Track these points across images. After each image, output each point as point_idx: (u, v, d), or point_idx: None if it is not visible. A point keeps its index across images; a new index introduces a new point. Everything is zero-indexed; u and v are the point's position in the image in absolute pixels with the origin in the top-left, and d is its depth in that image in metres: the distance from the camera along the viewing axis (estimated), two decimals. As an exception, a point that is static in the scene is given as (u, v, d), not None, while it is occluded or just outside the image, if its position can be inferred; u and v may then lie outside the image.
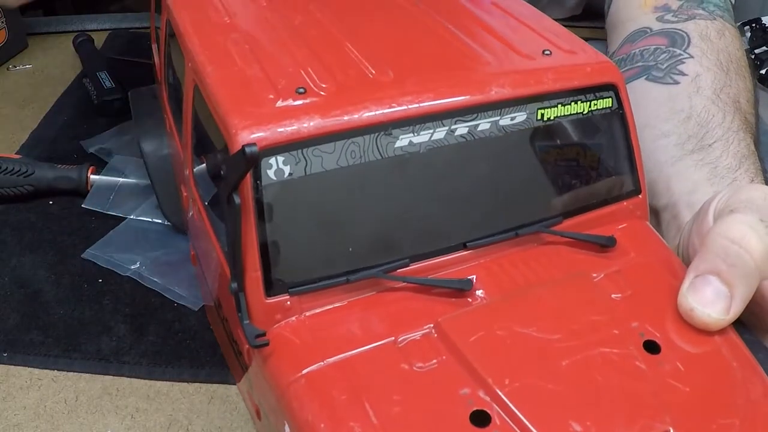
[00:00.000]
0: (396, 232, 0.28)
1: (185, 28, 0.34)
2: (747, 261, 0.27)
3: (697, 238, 0.31)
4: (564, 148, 0.31)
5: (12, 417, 0.36)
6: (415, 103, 0.27)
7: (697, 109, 0.41)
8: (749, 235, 0.27)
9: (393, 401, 0.24)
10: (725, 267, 0.27)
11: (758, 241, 0.27)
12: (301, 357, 0.25)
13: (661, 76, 0.44)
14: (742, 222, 0.27)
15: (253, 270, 0.26)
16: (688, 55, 0.44)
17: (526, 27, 0.33)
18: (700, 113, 0.41)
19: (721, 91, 0.42)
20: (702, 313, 0.26)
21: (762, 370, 0.26)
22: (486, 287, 0.28)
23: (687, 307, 0.27)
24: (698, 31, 0.46)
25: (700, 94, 0.42)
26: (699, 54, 0.44)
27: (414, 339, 0.26)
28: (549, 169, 0.30)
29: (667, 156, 0.40)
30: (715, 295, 0.26)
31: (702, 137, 0.40)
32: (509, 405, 0.23)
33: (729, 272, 0.27)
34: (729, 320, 0.27)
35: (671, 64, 0.44)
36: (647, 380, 0.25)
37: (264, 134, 0.26)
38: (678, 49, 0.45)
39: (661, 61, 0.44)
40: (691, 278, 0.27)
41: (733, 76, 0.43)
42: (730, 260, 0.27)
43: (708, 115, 0.41)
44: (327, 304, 0.27)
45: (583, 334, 0.26)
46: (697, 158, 0.39)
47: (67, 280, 0.44)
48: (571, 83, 0.30)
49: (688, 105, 0.42)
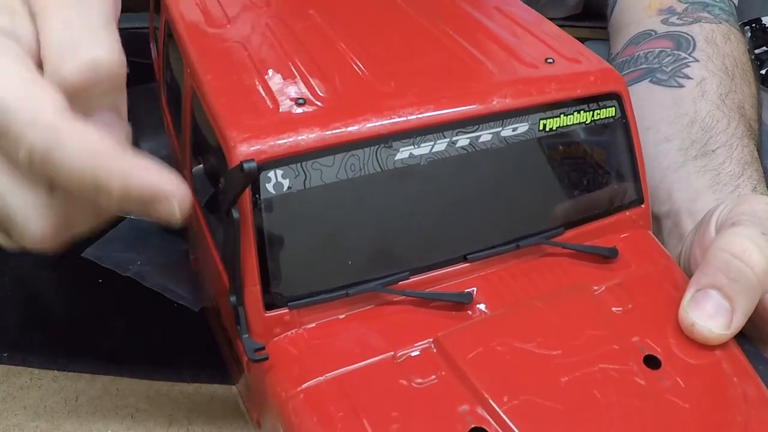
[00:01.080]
0: (396, 245, 0.28)
1: (184, 32, 0.33)
2: (749, 275, 0.27)
3: (698, 250, 0.31)
4: (566, 158, 0.30)
5: (12, 417, 0.36)
6: (416, 115, 0.27)
7: (702, 114, 0.41)
8: (751, 249, 0.27)
9: (391, 418, 0.24)
10: (727, 281, 0.27)
11: (760, 255, 0.27)
12: (299, 371, 0.25)
13: (666, 78, 0.43)
14: (744, 236, 0.27)
15: (252, 284, 0.26)
16: (694, 59, 0.44)
17: (529, 34, 0.33)
18: (704, 118, 0.41)
19: (726, 96, 0.42)
20: (703, 327, 0.26)
21: (762, 385, 0.26)
22: (486, 300, 0.28)
23: (688, 321, 0.27)
24: (704, 35, 0.45)
25: (705, 98, 0.42)
26: (704, 58, 0.44)
27: (413, 354, 0.26)
28: (551, 179, 0.30)
29: (670, 161, 0.40)
30: (716, 309, 0.26)
31: (705, 143, 0.39)
32: (507, 422, 0.23)
33: (730, 287, 0.27)
34: (730, 335, 0.27)
35: (676, 68, 0.43)
36: (647, 397, 0.25)
37: (262, 147, 0.25)
38: (683, 53, 0.44)
39: (665, 64, 0.44)
40: (692, 292, 0.27)
41: (738, 81, 0.43)
42: (731, 274, 0.27)
43: (712, 120, 0.40)
44: (326, 318, 0.27)
45: (582, 350, 0.26)
46: (700, 164, 0.39)
47: (67, 280, 0.44)
48: (574, 92, 0.30)
49: (692, 109, 0.41)
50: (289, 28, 0.33)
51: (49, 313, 0.42)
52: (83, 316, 0.41)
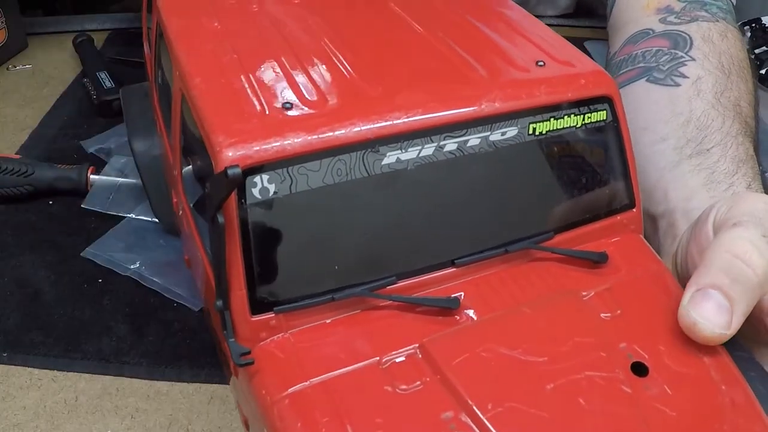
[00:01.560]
0: (383, 250, 0.28)
1: (174, 35, 0.33)
2: (750, 277, 0.26)
3: (695, 249, 0.31)
4: (556, 163, 0.30)
5: (12, 417, 0.36)
6: (403, 119, 0.27)
7: (697, 113, 0.41)
8: (752, 250, 0.27)
9: (375, 424, 0.24)
10: (728, 281, 0.26)
11: (760, 257, 0.26)
12: (285, 376, 0.26)
13: (662, 77, 0.43)
14: (745, 237, 0.27)
15: (238, 288, 0.26)
16: (690, 58, 0.43)
17: (521, 36, 0.33)
18: (700, 117, 0.40)
19: (722, 95, 0.41)
20: (705, 327, 0.26)
21: (751, 392, 0.26)
22: (474, 305, 0.28)
23: (689, 320, 0.26)
24: (701, 34, 0.45)
25: (701, 97, 0.41)
26: (701, 57, 0.43)
27: (398, 360, 0.26)
28: (540, 183, 0.30)
29: (666, 161, 0.39)
30: (717, 309, 0.26)
31: (700, 141, 0.39)
32: (491, 429, 0.23)
33: (731, 287, 0.26)
34: (729, 335, 0.26)
35: (672, 66, 0.43)
36: (633, 405, 0.24)
37: (248, 152, 0.25)
38: (680, 51, 0.44)
39: (662, 63, 0.44)
40: (692, 291, 0.27)
41: (734, 79, 0.42)
42: (732, 275, 0.26)
43: (707, 119, 0.40)
44: (312, 322, 0.27)
45: (569, 357, 0.26)
46: (695, 163, 0.38)
47: (67, 280, 0.44)
48: (564, 96, 0.29)
49: (687, 108, 0.41)
50: (279, 30, 0.33)
51: (49, 313, 0.42)
52: (83, 316, 0.42)
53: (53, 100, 0.63)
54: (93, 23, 0.76)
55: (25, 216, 0.49)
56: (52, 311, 0.42)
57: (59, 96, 0.64)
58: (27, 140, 0.58)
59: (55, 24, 0.76)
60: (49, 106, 0.62)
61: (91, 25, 0.75)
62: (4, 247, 0.47)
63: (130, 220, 0.48)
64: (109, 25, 0.75)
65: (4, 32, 0.68)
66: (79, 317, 0.42)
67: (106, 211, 0.49)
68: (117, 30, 0.75)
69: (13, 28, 0.69)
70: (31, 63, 0.69)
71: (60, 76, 0.67)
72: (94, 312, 0.42)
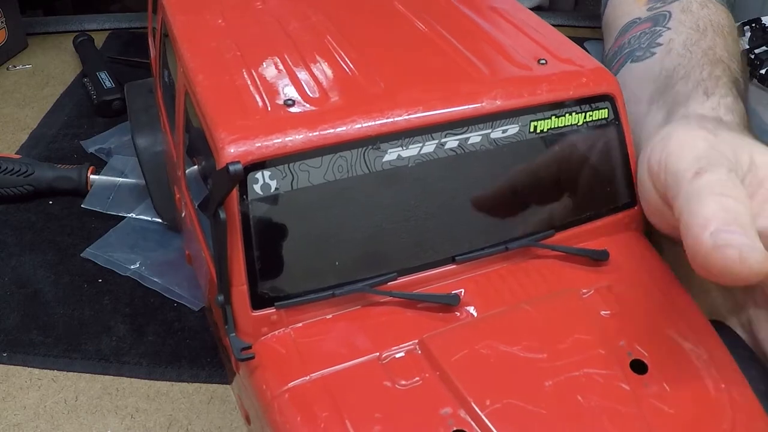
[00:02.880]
0: (384, 246, 0.28)
1: (178, 32, 0.33)
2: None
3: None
4: (557, 161, 0.30)
5: (12, 417, 0.36)
6: (404, 116, 0.27)
7: (668, 66, 0.40)
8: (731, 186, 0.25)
9: (374, 419, 0.24)
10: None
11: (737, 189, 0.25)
12: (285, 371, 0.26)
13: (641, 54, 0.43)
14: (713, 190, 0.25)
15: (239, 284, 0.26)
16: (667, 28, 0.43)
17: (523, 34, 0.33)
18: (668, 67, 0.40)
19: (693, 45, 0.40)
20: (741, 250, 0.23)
21: (751, 390, 0.26)
22: (474, 302, 0.28)
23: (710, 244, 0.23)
24: (681, 7, 0.44)
25: (671, 54, 0.41)
26: (676, 24, 0.43)
27: (398, 356, 0.26)
28: (541, 181, 0.30)
29: (648, 123, 0.38)
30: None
31: (667, 84, 0.38)
32: (489, 426, 0.23)
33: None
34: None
35: (651, 41, 0.43)
36: (631, 403, 0.24)
37: (250, 149, 0.26)
38: (659, 27, 0.43)
39: (643, 42, 0.44)
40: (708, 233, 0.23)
41: (710, 35, 0.41)
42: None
43: (677, 67, 0.39)
44: (313, 318, 0.27)
45: (568, 354, 0.26)
46: (660, 104, 0.37)
47: (67, 280, 0.44)
48: (566, 94, 0.30)
49: (659, 67, 0.40)
50: (282, 28, 0.33)
51: (48, 313, 0.42)
52: (83, 316, 0.42)
53: (53, 100, 0.63)
54: (93, 23, 0.76)
55: (25, 216, 0.49)
56: (51, 311, 0.42)
57: (59, 96, 0.64)
58: (27, 140, 0.57)
59: (55, 24, 0.76)
60: (49, 106, 0.62)
61: (91, 25, 0.75)
62: (4, 247, 0.47)
63: (130, 220, 0.48)
64: (109, 25, 0.76)
65: (4, 32, 0.68)
66: (78, 317, 0.42)
67: (106, 211, 0.49)
68: (117, 30, 0.75)
69: (13, 28, 0.69)
70: (31, 63, 0.69)
71: (60, 76, 0.67)
72: (93, 312, 0.42)
